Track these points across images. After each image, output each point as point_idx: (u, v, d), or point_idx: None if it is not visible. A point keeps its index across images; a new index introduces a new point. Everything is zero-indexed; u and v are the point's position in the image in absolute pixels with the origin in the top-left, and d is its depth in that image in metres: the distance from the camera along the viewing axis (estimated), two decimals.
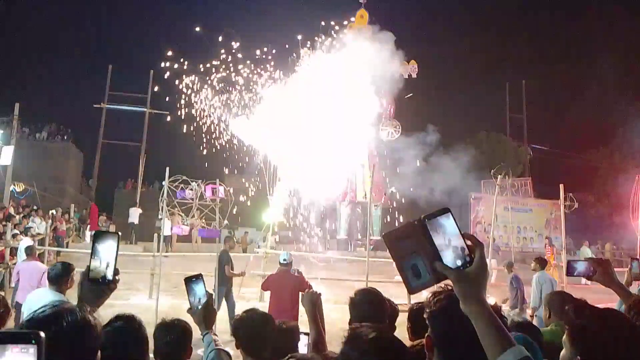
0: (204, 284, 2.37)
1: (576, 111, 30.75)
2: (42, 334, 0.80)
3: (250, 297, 12.02)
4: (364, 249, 15.56)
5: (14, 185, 22.01)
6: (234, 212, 12.93)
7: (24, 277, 8.11)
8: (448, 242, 1.17)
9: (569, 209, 13.15)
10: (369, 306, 2.59)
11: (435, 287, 1.51)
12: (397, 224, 24.69)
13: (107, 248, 1.57)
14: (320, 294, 2.90)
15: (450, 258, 1.17)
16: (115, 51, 42.76)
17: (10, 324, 3.47)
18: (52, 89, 36.26)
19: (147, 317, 2.06)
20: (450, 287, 1.49)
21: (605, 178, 25.93)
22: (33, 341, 0.80)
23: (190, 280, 2.35)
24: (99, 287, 1.57)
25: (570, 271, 2.46)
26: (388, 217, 24.44)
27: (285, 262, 6.96)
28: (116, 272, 1.59)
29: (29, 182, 22.29)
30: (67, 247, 16.71)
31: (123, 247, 17.34)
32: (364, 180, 23.86)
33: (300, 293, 3.80)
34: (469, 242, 1.20)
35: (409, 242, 1.18)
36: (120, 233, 1.72)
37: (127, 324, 2.01)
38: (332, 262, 14.76)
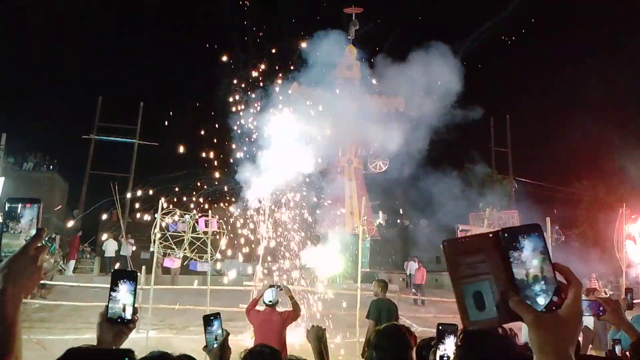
0: (221, 322, 2.41)
1: (559, 144, 31.46)
2: (135, 353, 0.84)
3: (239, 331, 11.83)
4: (353, 282, 15.51)
5: None
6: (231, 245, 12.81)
7: None
8: (531, 270, 0.88)
9: (556, 242, 13.31)
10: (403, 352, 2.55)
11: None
12: (382, 256, 24.81)
13: (126, 287, 1.54)
14: (325, 329, 2.91)
15: (530, 292, 0.87)
16: (104, 83, 42.96)
17: None
18: (40, 120, 36.21)
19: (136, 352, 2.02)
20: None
21: (589, 211, 26.35)
22: (126, 359, 0.83)
23: (208, 318, 2.41)
24: (117, 327, 1.54)
25: None
26: (376, 248, 24.41)
27: (271, 303, 6.43)
28: (135, 311, 1.56)
29: None
30: (51, 279, 16.32)
31: (105, 279, 17.10)
32: (352, 212, 23.93)
33: (307, 330, 3.63)
34: (560, 276, 0.89)
35: (477, 260, 0.89)
36: (138, 272, 1.72)
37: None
38: (323, 295, 14.61)
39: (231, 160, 15.26)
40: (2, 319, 1.17)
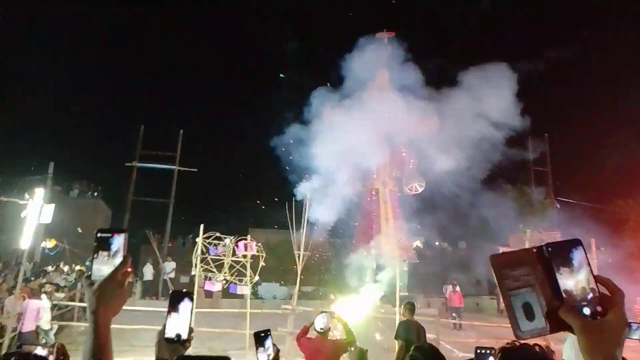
0: (272, 339, 2.46)
1: (602, 162, 30.50)
2: (231, 359, 0.93)
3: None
4: (391, 306, 15.32)
5: (46, 241, 22.59)
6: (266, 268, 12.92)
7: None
8: (574, 282, 0.94)
9: (602, 263, 12.83)
10: None
11: None
12: (420, 279, 24.37)
13: (183, 307, 1.60)
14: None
15: (575, 303, 0.94)
16: (146, 113, 44.64)
17: None
18: (85, 149, 37.89)
19: None
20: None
21: (636, 230, 25.30)
22: None
23: (259, 335, 2.45)
24: (174, 346, 1.60)
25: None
26: (413, 271, 24.05)
27: (322, 330, 6.04)
28: (191, 330, 1.62)
29: (59, 238, 22.81)
30: None
31: (147, 303, 17.44)
32: (388, 235, 23.72)
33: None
34: (602, 288, 0.96)
35: (523, 273, 0.96)
36: (192, 292, 1.79)
37: None
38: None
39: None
40: (96, 336, 1.30)
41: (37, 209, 10.06)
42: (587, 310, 0.93)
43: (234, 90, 50.11)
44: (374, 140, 21.78)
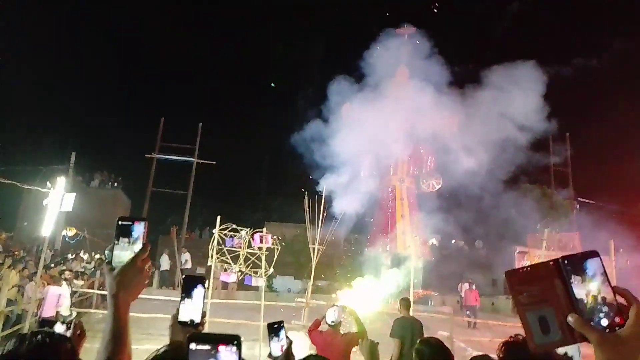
0: (285, 330, 2.48)
1: (624, 162, 29.90)
2: (242, 338, 0.99)
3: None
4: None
5: (66, 229, 23.04)
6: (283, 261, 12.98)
7: None
8: (590, 294, 0.93)
9: (621, 267, 12.62)
10: None
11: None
12: (436, 277, 24.24)
13: (195, 292, 1.62)
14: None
15: (592, 314, 0.93)
16: (166, 105, 45.14)
17: None
18: (106, 141, 38.57)
19: None
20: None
21: None
22: (235, 342, 0.97)
23: (273, 326, 2.46)
24: (187, 329, 1.61)
25: None
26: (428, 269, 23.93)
27: (333, 324, 5.97)
28: (203, 314, 1.65)
29: (80, 227, 23.24)
30: None
31: (163, 292, 17.71)
32: (404, 232, 23.67)
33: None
34: (620, 299, 0.94)
35: (539, 287, 0.96)
36: (205, 277, 1.83)
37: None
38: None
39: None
40: (117, 319, 1.37)
41: (58, 198, 10.24)
42: (604, 322, 0.92)
43: (253, 84, 50.36)
44: (393, 137, 21.73)
